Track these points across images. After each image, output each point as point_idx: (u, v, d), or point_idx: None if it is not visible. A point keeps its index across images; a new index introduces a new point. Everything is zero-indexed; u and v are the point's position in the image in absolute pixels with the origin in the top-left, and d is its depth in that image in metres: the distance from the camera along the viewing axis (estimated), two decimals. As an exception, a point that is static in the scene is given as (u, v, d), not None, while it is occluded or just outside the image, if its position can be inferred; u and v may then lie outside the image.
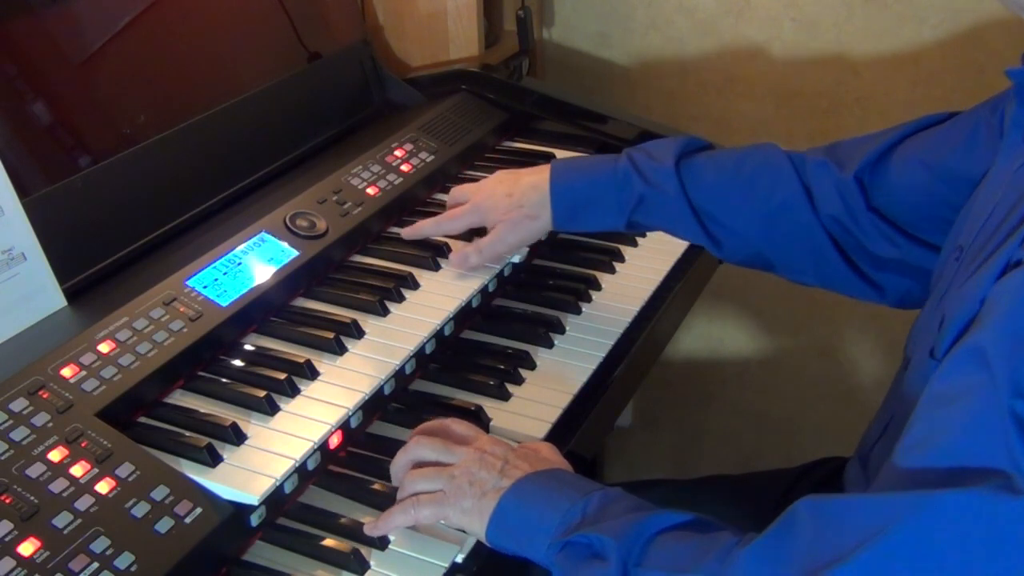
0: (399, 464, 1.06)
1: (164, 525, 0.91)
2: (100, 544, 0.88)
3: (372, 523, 1.00)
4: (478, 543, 1.00)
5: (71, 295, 1.15)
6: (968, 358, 0.77)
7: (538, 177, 1.32)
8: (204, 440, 1.01)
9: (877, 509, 0.76)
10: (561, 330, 1.32)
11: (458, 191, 1.40)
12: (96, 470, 0.93)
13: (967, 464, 0.74)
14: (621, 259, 1.49)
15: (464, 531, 1.00)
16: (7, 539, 0.86)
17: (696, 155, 1.30)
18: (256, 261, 1.23)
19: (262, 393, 1.08)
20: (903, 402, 0.99)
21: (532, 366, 1.26)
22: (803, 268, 1.27)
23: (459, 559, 1.00)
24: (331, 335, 1.18)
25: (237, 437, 1.03)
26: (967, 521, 0.72)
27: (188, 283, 1.16)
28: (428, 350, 1.23)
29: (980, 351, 0.76)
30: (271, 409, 1.07)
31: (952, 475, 0.74)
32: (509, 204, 1.31)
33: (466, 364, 1.26)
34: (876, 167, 1.20)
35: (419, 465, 1.04)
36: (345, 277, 1.31)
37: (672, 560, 0.86)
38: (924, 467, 0.77)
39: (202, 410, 1.07)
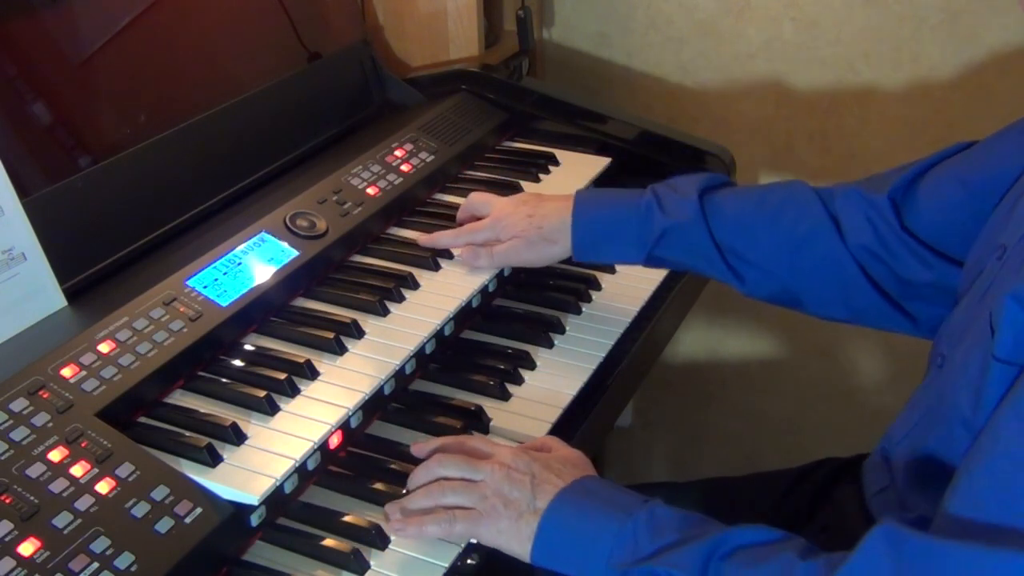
0: (419, 478, 1.04)
1: (164, 525, 0.91)
2: (100, 544, 0.88)
3: (401, 521, 1.00)
4: (478, 544, 1.00)
5: (71, 295, 1.15)
6: None
7: (562, 204, 1.32)
8: (204, 440, 1.01)
9: (975, 562, 0.76)
10: (561, 330, 1.32)
11: (477, 199, 1.41)
12: (96, 470, 0.93)
13: None
14: (621, 259, 1.49)
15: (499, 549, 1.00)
16: (7, 539, 0.86)
17: (720, 190, 1.29)
18: (256, 261, 1.23)
19: (262, 393, 1.08)
20: (941, 401, 0.98)
21: (532, 366, 1.26)
22: (832, 301, 1.25)
23: (459, 559, 1.00)
24: (331, 335, 1.18)
25: (237, 437, 1.03)
26: None
27: (188, 283, 1.16)
28: (428, 350, 1.23)
29: None
30: (271, 409, 1.07)
31: None
32: (528, 224, 1.32)
33: (466, 364, 1.26)
34: (909, 188, 1.19)
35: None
36: (345, 277, 1.31)
37: None
38: (1011, 525, 0.77)
39: (202, 410, 1.07)
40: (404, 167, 1.48)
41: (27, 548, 0.86)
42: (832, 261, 1.22)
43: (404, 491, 1.05)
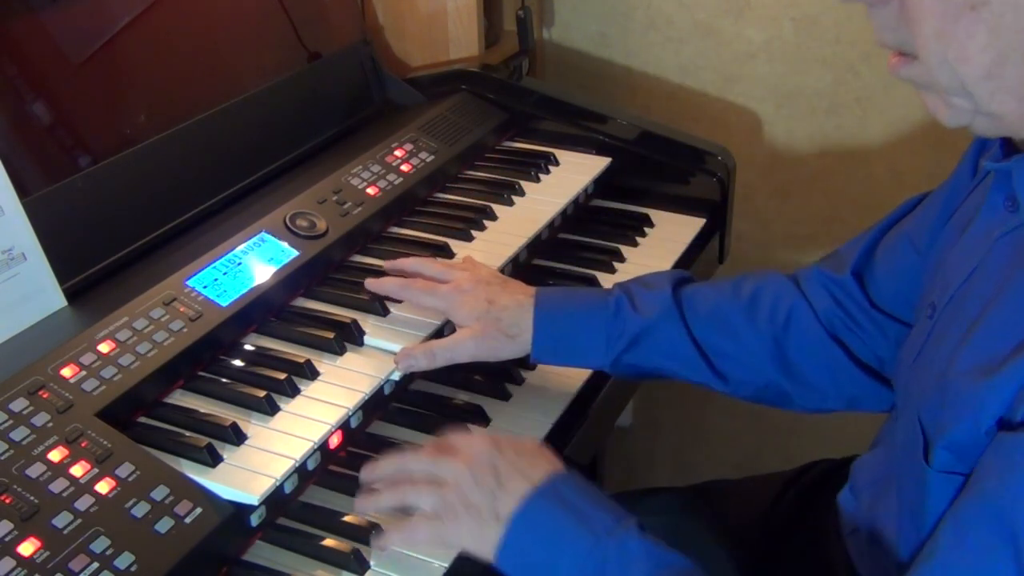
0: (382, 470, 1.02)
1: (164, 525, 0.91)
2: (100, 544, 0.88)
3: (376, 540, 0.98)
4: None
5: (71, 295, 1.15)
6: (987, 523, 0.75)
7: (524, 297, 1.19)
8: (204, 440, 1.01)
9: None
10: (561, 330, 1.32)
11: (436, 267, 1.26)
12: (96, 470, 0.93)
13: None
14: (621, 259, 1.49)
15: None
16: (7, 539, 0.86)
17: (692, 283, 1.22)
18: (256, 261, 1.23)
19: (262, 393, 1.08)
20: (893, 473, 0.97)
21: (532, 366, 1.26)
22: (823, 390, 1.18)
23: (460, 559, 0.99)
24: (331, 335, 1.18)
25: (237, 437, 1.03)
26: None
27: (188, 283, 1.16)
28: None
29: (999, 516, 0.74)
30: (271, 409, 1.07)
31: None
32: (485, 312, 1.18)
33: (466, 364, 1.26)
34: (868, 259, 1.15)
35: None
36: (345, 277, 1.31)
37: None
38: None
39: (202, 410, 1.07)
40: (404, 167, 1.48)
41: (27, 548, 0.85)
42: (817, 345, 1.16)
43: (366, 478, 1.03)
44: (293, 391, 1.10)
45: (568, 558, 0.90)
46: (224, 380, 1.11)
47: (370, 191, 1.41)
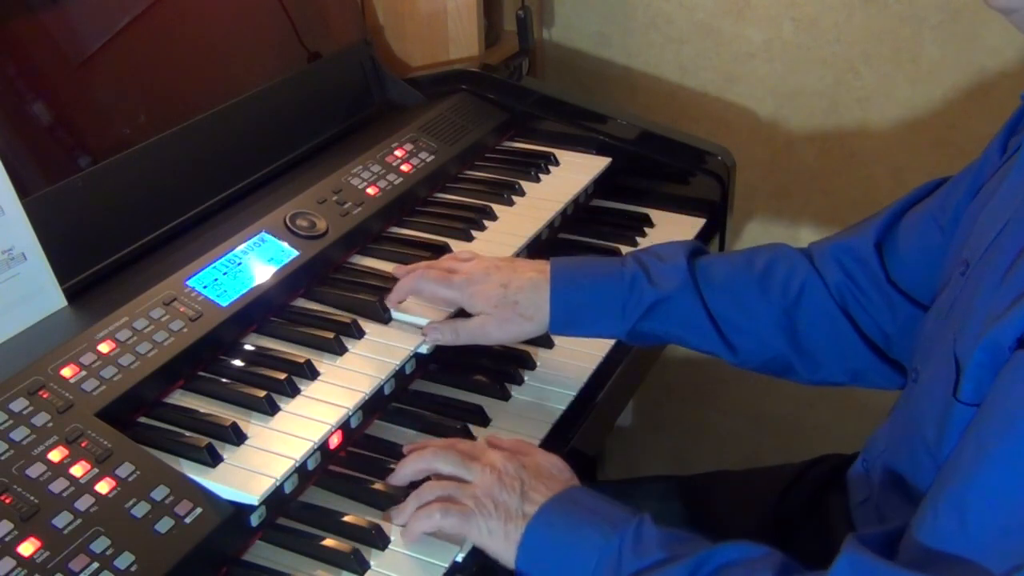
0: (409, 469, 1.05)
1: (164, 525, 0.91)
2: (100, 544, 0.88)
3: (398, 510, 1.01)
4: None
5: (71, 295, 1.15)
6: (1009, 436, 0.77)
7: (538, 275, 1.20)
8: (204, 440, 1.01)
9: None
10: (561, 330, 1.32)
11: (444, 263, 1.27)
12: (96, 470, 0.93)
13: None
14: (621, 259, 1.49)
15: (483, 550, 1.00)
16: (7, 539, 0.86)
17: (704, 255, 1.25)
18: (256, 261, 1.23)
19: (262, 393, 1.08)
20: (913, 418, 0.98)
21: (532, 366, 1.26)
22: (827, 362, 1.20)
23: (459, 559, 1.00)
24: (331, 335, 1.18)
25: (237, 437, 1.03)
26: None
27: (188, 283, 1.16)
28: (428, 350, 1.23)
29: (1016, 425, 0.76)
30: (271, 409, 1.07)
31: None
32: (502, 297, 1.19)
33: (466, 364, 1.26)
34: (890, 233, 1.17)
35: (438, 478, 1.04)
36: (345, 277, 1.31)
37: None
38: (970, 559, 0.78)
39: (202, 410, 1.07)
40: (404, 167, 1.48)
41: (27, 548, 0.85)
42: (827, 319, 1.19)
43: (394, 473, 1.06)
44: (293, 391, 1.10)
45: (587, 551, 0.94)
46: (224, 380, 1.11)
47: (370, 191, 1.41)
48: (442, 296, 1.23)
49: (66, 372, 1.01)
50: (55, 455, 0.93)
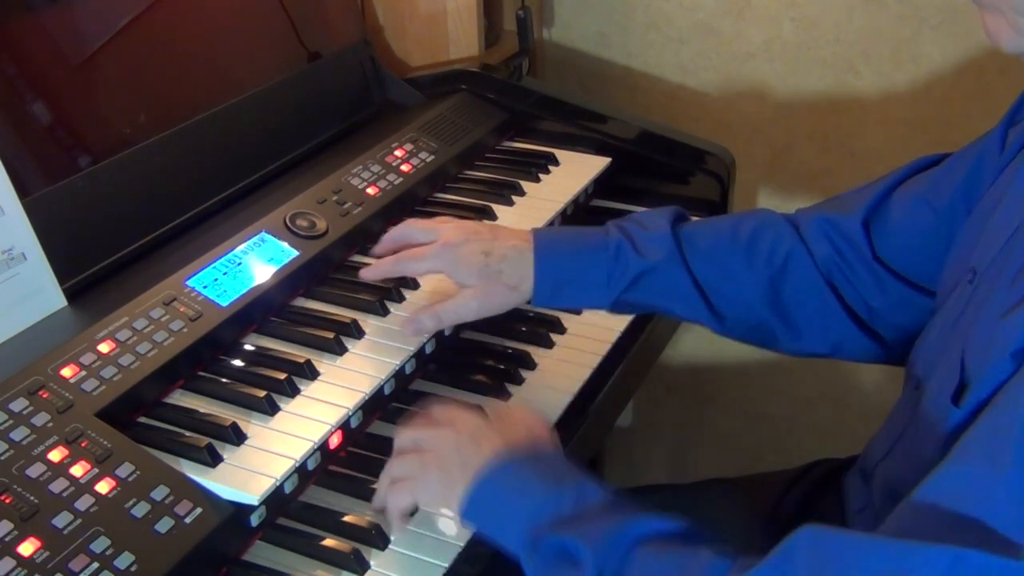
0: (383, 490, 1.04)
1: (164, 525, 0.91)
2: (100, 544, 0.88)
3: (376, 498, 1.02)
4: (478, 544, 1.00)
5: (71, 295, 1.15)
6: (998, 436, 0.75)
7: (521, 243, 1.18)
8: (204, 440, 1.01)
9: (894, 555, 0.73)
10: (561, 330, 1.32)
11: (419, 225, 1.25)
12: (96, 470, 0.93)
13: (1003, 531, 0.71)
14: (621, 259, 1.49)
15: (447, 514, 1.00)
16: (7, 539, 0.86)
17: (688, 222, 1.23)
18: (256, 261, 1.23)
19: (262, 393, 1.08)
20: (916, 427, 0.97)
21: (532, 366, 1.26)
22: (810, 332, 1.20)
23: (459, 559, 1.00)
24: (331, 335, 1.18)
25: (237, 437, 1.03)
26: None
27: (188, 283, 1.16)
28: (428, 350, 1.23)
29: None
30: (271, 409, 1.07)
31: (981, 537, 0.72)
32: (484, 266, 1.16)
33: (466, 364, 1.27)
34: (880, 209, 1.16)
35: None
36: (345, 277, 1.31)
37: None
38: (950, 523, 0.74)
39: (202, 410, 1.07)
40: (404, 167, 1.48)
41: (27, 548, 0.86)
42: (812, 289, 1.18)
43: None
44: (293, 391, 1.10)
45: (526, 501, 0.91)
46: (224, 380, 1.11)
47: (370, 191, 1.41)
48: (424, 270, 1.21)
49: (66, 372, 1.01)
50: (55, 455, 0.93)
